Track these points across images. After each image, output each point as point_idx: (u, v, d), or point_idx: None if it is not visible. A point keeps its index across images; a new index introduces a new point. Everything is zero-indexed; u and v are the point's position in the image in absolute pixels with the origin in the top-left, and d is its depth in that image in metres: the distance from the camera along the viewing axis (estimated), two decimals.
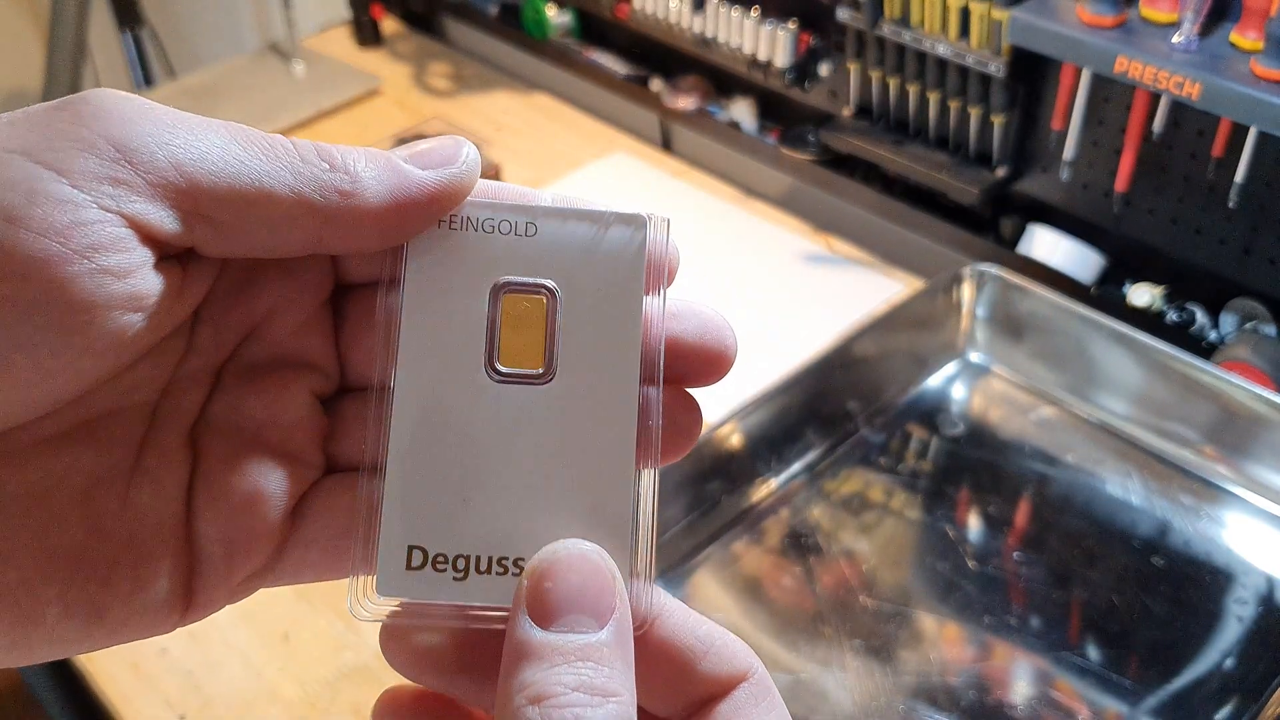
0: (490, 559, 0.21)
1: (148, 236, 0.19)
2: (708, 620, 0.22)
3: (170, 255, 0.20)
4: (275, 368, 0.23)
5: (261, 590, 0.23)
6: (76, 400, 0.20)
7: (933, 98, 0.80)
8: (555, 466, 0.22)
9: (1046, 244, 0.79)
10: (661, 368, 0.23)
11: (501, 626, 0.21)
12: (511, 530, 0.22)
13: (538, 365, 0.22)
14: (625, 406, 0.22)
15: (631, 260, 0.23)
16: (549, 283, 0.23)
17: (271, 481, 0.22)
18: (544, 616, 0.20)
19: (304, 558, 0.22)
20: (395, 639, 0.22)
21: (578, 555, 0.21)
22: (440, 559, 0.21)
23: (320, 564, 0.22)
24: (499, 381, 0.22)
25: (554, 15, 1.09)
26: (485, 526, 0.22)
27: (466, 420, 0.22)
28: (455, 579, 0.21)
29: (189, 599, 0.21)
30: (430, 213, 0.22)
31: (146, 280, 0.20)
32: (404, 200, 0.22)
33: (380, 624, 0.22)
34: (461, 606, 0.21)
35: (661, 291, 0.23)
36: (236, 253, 0.21)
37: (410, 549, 0.21)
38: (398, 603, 0.21)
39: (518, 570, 0.21)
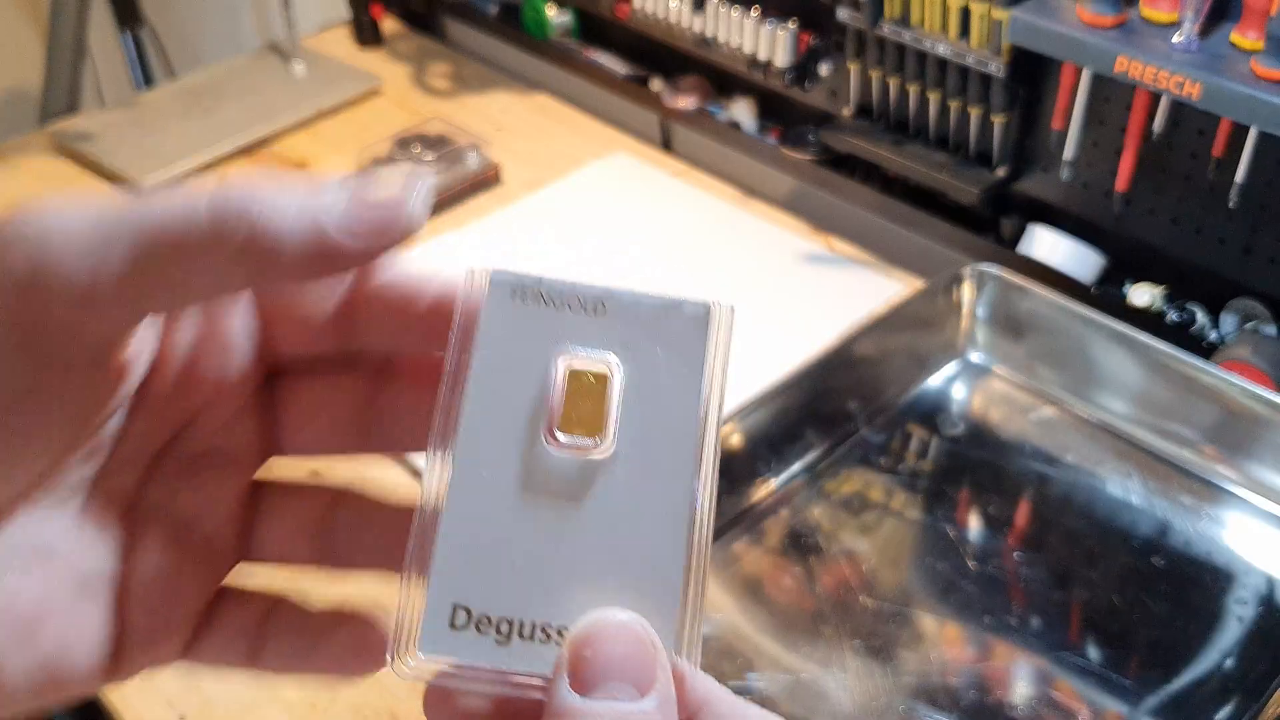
0: (534, 625, 0.21)
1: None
2: (754, 707, 0.22)
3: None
4: (209, 461, 0.23)
5: None
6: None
7: (933, 97, 0.80)
8: (606, 538, 0.22)
9: (1047, 244, 0.79)
10: (718, 450, 0.23)
11: (539, 695, 0.21)
12: (557, 598, 0.22)
13: (597, 436, 0.23)
14: (680, 486, 0.22)
15: (695, 345, 0.23)
16: (613, 358, 0.23)
17: (194, 573, 0.23)
18: (584, 684, 0.20)
19: (220, 642, 0.24)
20: (440, 699, 0.22)
21: (620, 625, 0.21)
22: (485, 621, 0.21)
23: (232, 652, 0.24)
24: (558, 449, 0.23)
25: (554, 15, 1.09)
26: (532, 592, 0.22)
27: (522, 485, 0.22)
28: (498, 642, 0.21)
29: (114, 668, 0.22)
30: (350, 268, 0.22)
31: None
32: (322, 260, 0.21)
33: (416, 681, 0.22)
34: (501, 671, 0.21)
35: (722, 374, 0.23)
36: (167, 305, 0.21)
37: (455, 607, 0.22)
38: (439, 662, 0.21)
39: (560, 639, 0.21)
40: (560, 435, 0.23)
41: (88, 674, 0.22)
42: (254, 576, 0.25)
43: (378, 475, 0.26)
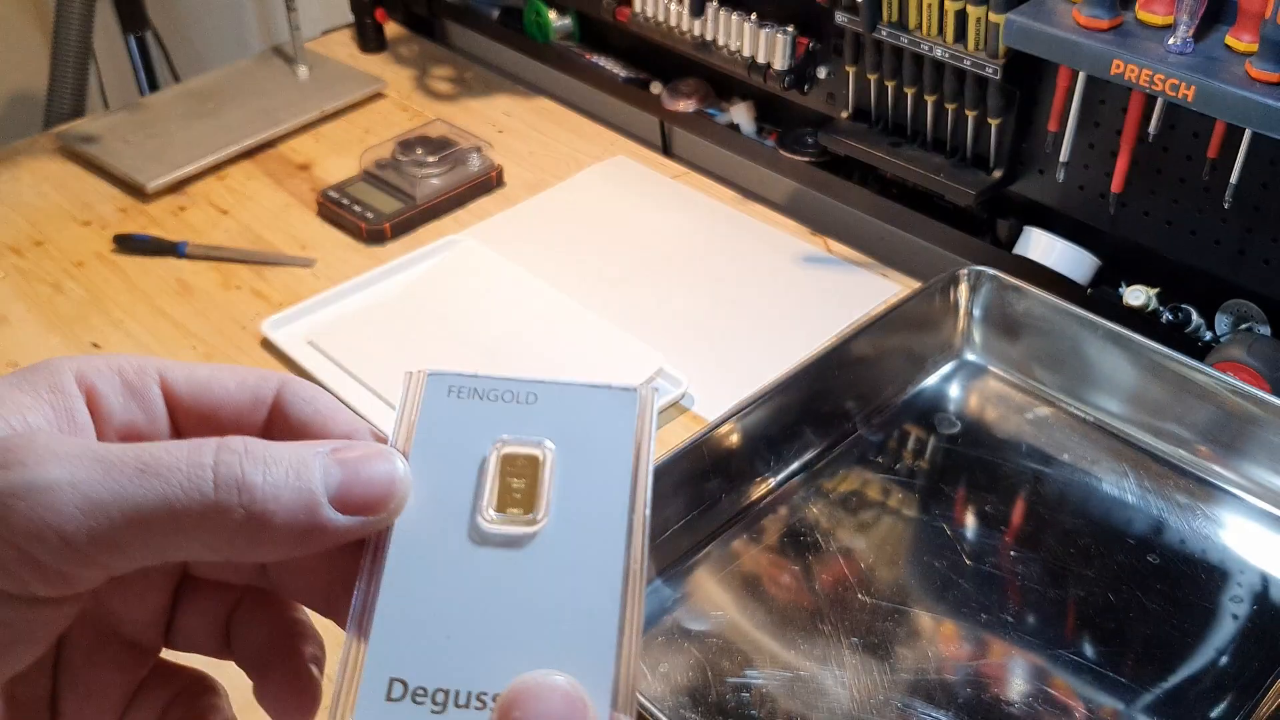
0: (470, 694, 0.22)
1: None
2: None
3: None
4: (138, 573, 0.24)
5: None
6: None
7: (930, 100, 0.81)
8: (541, 605, 0.23)
9: (1042, 245, 0.79)
10: (649, 524, 0.24)
11: None
12: (493, 666, 0.22)
13: (529, 513, 0.24)
14: (612, 553, 0.23)
15: (623, 425, 0.25)
16: (546, 442, 0.25)
17: (120, 671, 0.25)
18: None
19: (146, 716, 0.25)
20: None
21: (549, 686, 0.22)
22: (420, 692, 0.22)
23: None
24: (491, 526, 0.24)
25: (555, 19, 1.10)
26: (468, 661, 0.22)
27: (457, 561, 0.23)
28: (433, 712, 0.22)
29: None
30: (336, 544, 0.23)
31: None
32: (310, 540, 0.22)
33: None
34: None
35: (649, 456, 0.25)
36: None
37: (392, 681, 0.22)
38: None
39: (494, 704, 0.22)
40: (494, 513, 0.24)
41: None
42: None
43: None
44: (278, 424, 0.25)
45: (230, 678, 0.27)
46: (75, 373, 0.24)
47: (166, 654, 0.27)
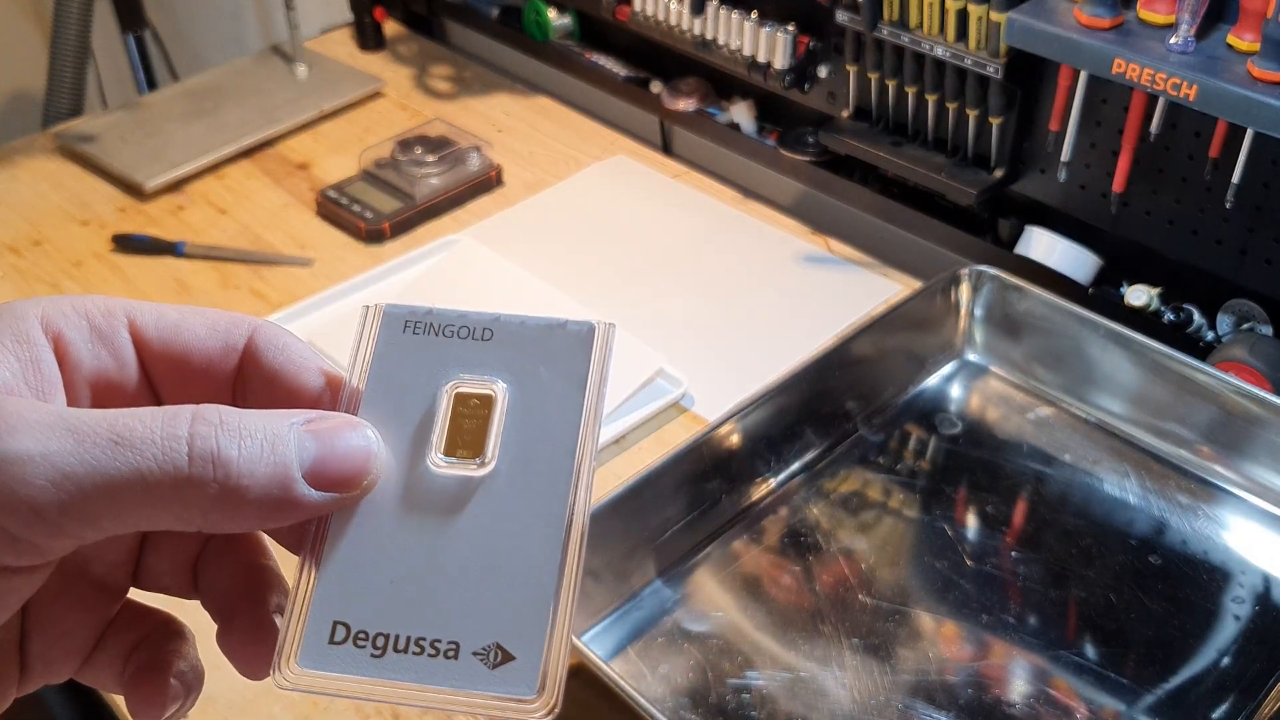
0: (409, 639, 0.23)
1: None
2: None
3: None
4: None
5: None
6: None
7: (931, 99, 0.81)
8: (482, 552, 0.23)
9: (1044, 245, 0.79)
10: (594, 460, 0.24)
11: (410, 705, 0.22)
12: (433, 611, 0.23)
13: (479, 457, 0.24)
14: (557, 497, 0.23)
15: (577, 363, 0.24)
16: (499, 382, 0.24)
17: (87, 612, 0.25)
18: None
19: (105, 668, 0.25)
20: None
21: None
22: (361, 636, 0.23)
23: (112, 675, 0.25)
24: (440, 470, 0.24)
25: (554, 17, 1.09)
26: (409, 607, 0.23)
27: (405, 506, 0.24)
28: (374, 656, 0.23)
29: (15, 692, 0.24)
30: (309, 518, 0.23)
31: None
32: (282, 514, 0.22)
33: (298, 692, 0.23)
34: (374, 682, 0.22)
35: (600, 396, 0.24)
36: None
37: (335, 624, 0.23)
38: (316, 675, 0.23)
39: (434, 651, 0.22)
40: (442, 457, 0.24)
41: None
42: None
43: None
44: (249, 371, 0.25)
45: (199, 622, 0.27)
46: (41, 318, 0.23)
47: (135, 594, 0.26)
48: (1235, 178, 0.67)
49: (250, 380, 0.25)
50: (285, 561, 0.25)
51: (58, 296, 0.24)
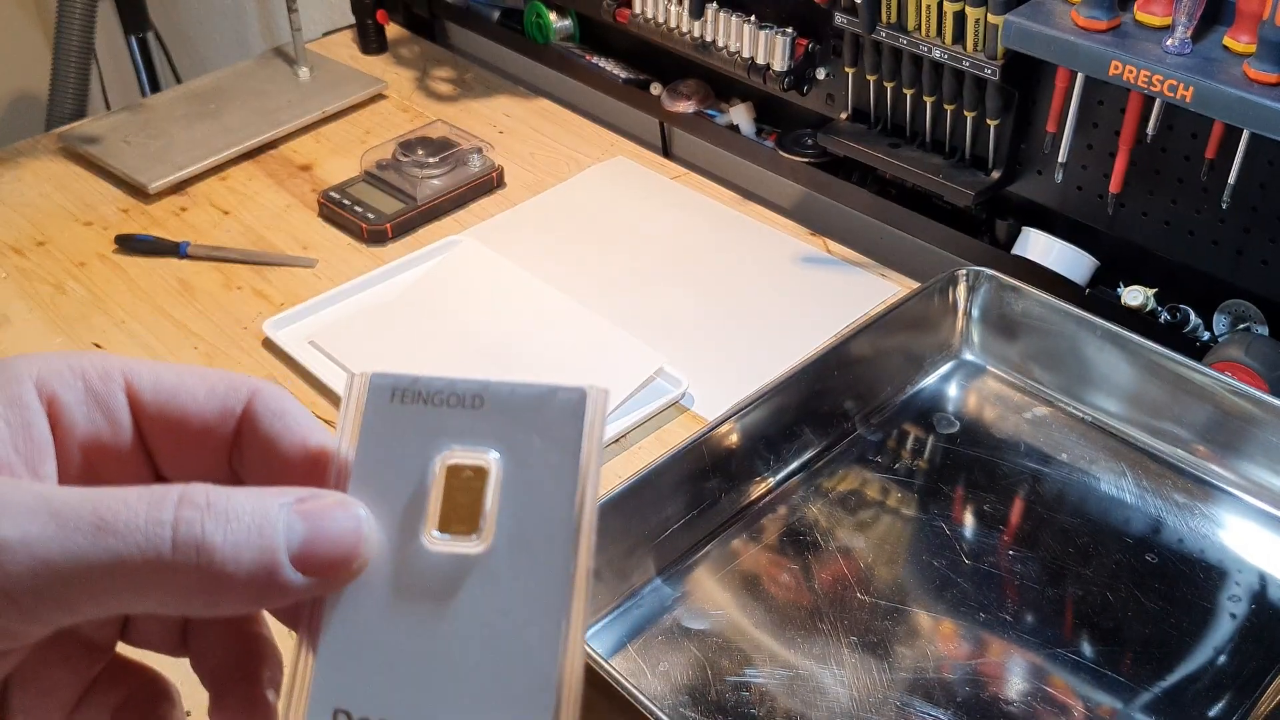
0: None
1: None
2: None
3: None
4: None
5: None
6: None
7: (928, 101, 0.81)
8: (481, 635, 0.22)
9: (1040, 246, 0.80)
10: (594, 539, 0.23)
11: None
12: (433, 698, 0.22)
13: (474, 533, 0.23)
14: (556, 577, 0.23)
15: (570, 432, 0.23)
16: (492, 453, 0.23)
17: (72, 669, 0.24)
18: None
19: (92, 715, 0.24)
20: None
21: None
22: None
23: None
24: (435, 548, 0.23)
25: (555, 20, 1.10)
26: (409, 694, 0.22)
27: (400, 588, 0.23)
28: None
29: None
30: (295, 602, 0.22)
31: None
32: (267, 599, 0.22)
33: None
34: None
35: (595, 467, 0.23)
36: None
37: (336, 711, 0.22)
38: None
39: None
40: (436, 534, 0.23)
41: None
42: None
43: None
44: (246, 436, 0.24)
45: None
46: (36, 379, 0.23)
47: (123, 648, 0.26)
48: (1231, 179, 0.67)
49: (247, 446, 0.24)
50: (279, 627, 0.25)
51: (55, 354, 0.23)
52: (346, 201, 0.93)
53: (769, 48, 0.88)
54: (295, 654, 0.23)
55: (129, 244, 0.90)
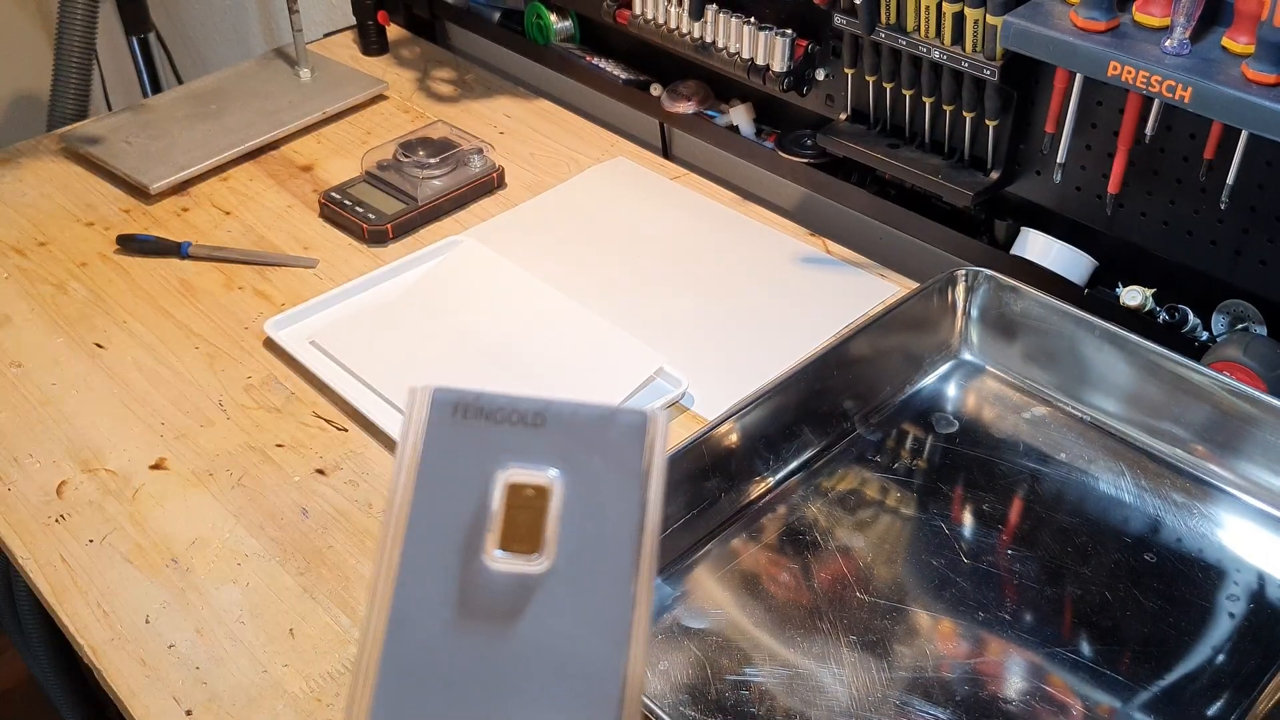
0: None
1: None
2: None
3: None
4: None
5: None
6: None
7: (927, 102, 0.81)
8: (546, 656, 0.22)
9: (1039, 246, 0.80)
10: (656, 558, 0.23)
11: None
12: (494, 718, 0.22)
13: (536, 552, 0.23)
14: (618, 596, 0.23)
15: (632, 454, 0.24)
16: (553, 471, 0.24)
17: None
18: None
19: None
20: None
21: None
22: None
23: None
24: (496, 566, 0.23)
25: (555, 21, 1.10)
26: (469, 711, 0.22)
27: (461, 606, 0.23)
28: None
29: None
30: None
31: None
32: None
33: None
34: None
35: (659, 488, 0.24)
36: None
37: None
38: None
39: None
40: (498, 552, 0.23)
41: None
42: None
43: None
44: None
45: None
46: None
47: None
48: (1230, 179, 0.68)
49: None
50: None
51: None
52: (347, 202, 0.93)
53: (769, 49, 0.89)
54: (355, 672, 0.23)
55: (130, 244, 0.91)
